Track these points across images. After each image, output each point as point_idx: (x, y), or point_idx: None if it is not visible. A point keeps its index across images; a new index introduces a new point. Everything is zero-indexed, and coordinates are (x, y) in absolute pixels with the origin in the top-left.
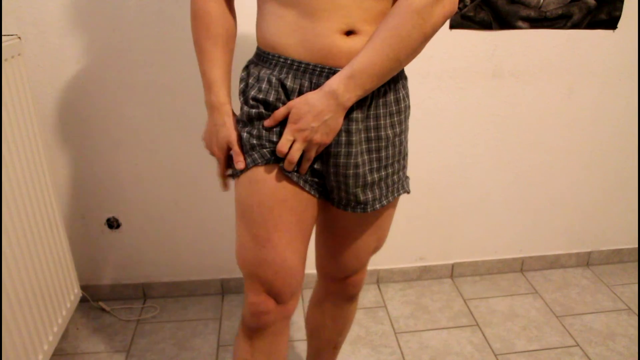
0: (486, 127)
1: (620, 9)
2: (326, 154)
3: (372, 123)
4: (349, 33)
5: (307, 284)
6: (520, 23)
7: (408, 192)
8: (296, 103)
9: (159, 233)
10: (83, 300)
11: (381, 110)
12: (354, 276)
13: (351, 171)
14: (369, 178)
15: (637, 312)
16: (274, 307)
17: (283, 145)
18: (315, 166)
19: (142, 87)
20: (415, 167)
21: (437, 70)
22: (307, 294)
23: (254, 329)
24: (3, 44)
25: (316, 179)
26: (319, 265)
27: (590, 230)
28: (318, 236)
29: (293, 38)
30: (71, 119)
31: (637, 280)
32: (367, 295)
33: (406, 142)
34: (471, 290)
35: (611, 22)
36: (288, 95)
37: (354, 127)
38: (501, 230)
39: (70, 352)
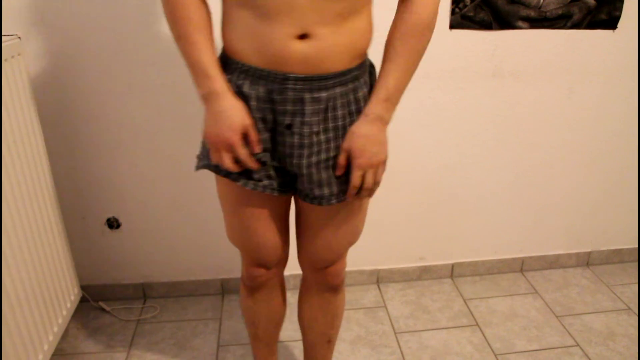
0: (486, 127)
1: (620, 9)
2: (283, 156)
3: (330, 125)
4: (303, 37)
5: None
6: (520, 23)
7: (368, 196)
8: (352, 142)
9: (159, 233)
10: (83, 300)
11: (339, 112)
12: (331, 267)
13: (305, 170)
14: (323, 175)
15: (637, 312)
16: (264, 272)
17: (356, 182)
18: (273, 165)
19: (142, 87)
20: (415, 167)
21: (437, 70)
22: None
23: (252, 287)
24: (3, 44)
25: (277, 179)
26: (298, 256)
27: (590, 230)
28: (296, 227)
29: (249, 43)
30: (71, 119)
31: (637, 280)
32: (367, 295)
33: None
34: (471, 290)
35: (611, 22)
36: (247, 102)
37: (306, 130)
38: (501, 230)
39: (70, 352)
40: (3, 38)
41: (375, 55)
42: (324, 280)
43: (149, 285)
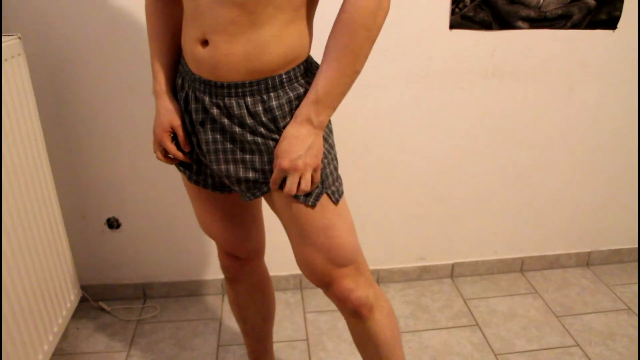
0: (486, 127)
1: (620, 9)
2: (203, 153)
3: (233, 133)
4: (205, 42)
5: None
6: (520, 23)
7: (265, 192)
8: (278, 145)
9: (159, 233)
10: (83, 300)
11: (241, 121)
12: (333, 287)
13: (214, 167)
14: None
15: (637, 312)
16: (235, 262)
17: (274, 182)
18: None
19: (142, 87)
20: (415, 166)
21: (437, 70)
22: (314, 297)
23: (230, 279)
24: (3, 44)
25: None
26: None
27: (590, 230)
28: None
29: (183, 43)
30: (71, 118)
31: (637, 280)
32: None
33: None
34: (471, 290)
35: (611, 22)
36: (180, 95)
37: (212, 131)
38: (501, 230)
39: (70, 352)
40: (3, 38)
41: None
42: (336, 303)
43: (149, 285)
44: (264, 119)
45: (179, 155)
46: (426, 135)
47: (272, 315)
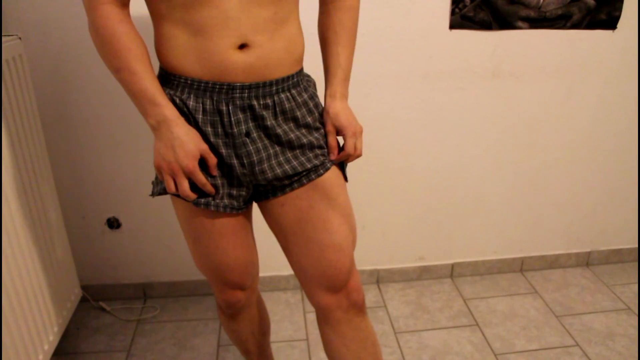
0: (486, 127)
1: (620, 9)
2: (248, 165)
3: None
4: (242, 46)
5: None
6: (520, 23)
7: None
8: (336, 120)
9: (159, 233)
10: (83, 300)
11: (298, 113)
12: (350, 282)
13: (268, 175)
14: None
15: (637, 312)
16: (241, 294)
17: (351, 149)
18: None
19: None
20: (415, 167)
21: (437, 70)
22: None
23: (232, 315)
24: (3, 44)
25: (245, 193)
26: (302, 282)
27: (590, 230)
28: (282, 249)
29: (189, 57)
30: (71, 119)
31: (637, 280)
32: (367, 295)
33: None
34: (471, 290)
35: (611, 22)
36: (193, 115)
37: (267, 135)
38: (501, 230)
39: (70, 352)
40: (3, 38)
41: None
42: (345, 304)
43: (149, 285)
44: (310, 105)
45: (210, 187)
46: (426, 135)
47: (269, 330)
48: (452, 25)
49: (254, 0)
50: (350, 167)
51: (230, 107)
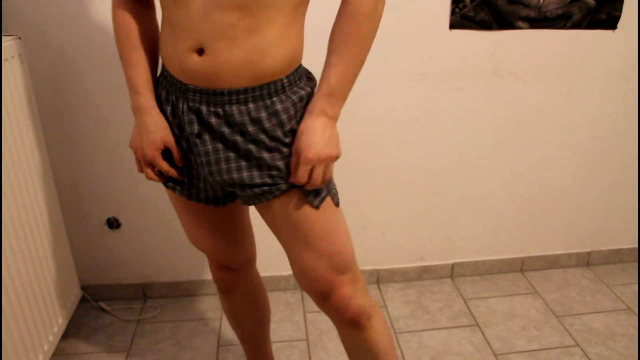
0: (486, 127)
1: (620, 9)
2: (202, 165)
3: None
4: (200, 51)
5: None
6: (520, 23)
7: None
8: (298, 141)
9: (159, 233)
10: (83, 300)
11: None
12: (333, 297)
13: (217, 178)
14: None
15: (637, 312)
16: (228, 273)
17: (302, 177)
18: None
19: None
20: (415, 166)
21: (437, 70)
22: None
23: (224, 289)
24: (3, 44)
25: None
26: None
27: (590, 230)
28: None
29: (168, 54)
30: (71, 119)
31: (637, 280)
32: None
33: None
34: (471, 290)
35: (611, 22)
36: (163, 107)
37: (214, 141)
38: (501, 230)
39: (70, 352)
40: (3, 38)
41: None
42: (334, 315)
43: (149, 285)
44: (266, 125)
45: (173, 172)
46: (426, 135)
47: (268, 320)
48: (452, 25)
49: (217, 5)
50: (350, 167)
51: (184, 107)
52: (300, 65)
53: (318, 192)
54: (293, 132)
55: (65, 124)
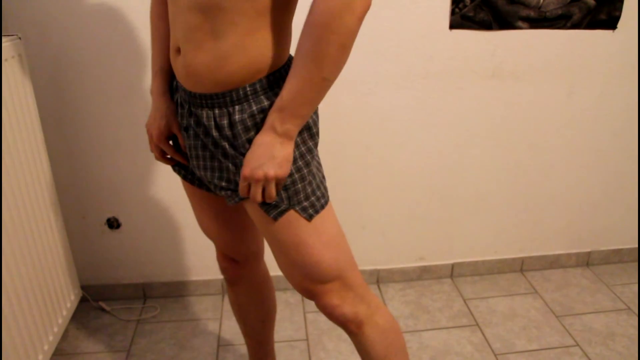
0: (486, 127)
1: (620, 9)
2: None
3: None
4: (179, 51)
5: None
6: (520, 23)
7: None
8: (247, 152)
9: (159, 233)
10: (83, 300)
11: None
12: (316, 301)
13: (197, 171)
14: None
15: (637, 312)
16: (233, 265)
17: (241, 191)
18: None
19: (142, 87)
20: (415, 166)
21: (437, 70)
22: None
23: (229, 280)
24: (3, 44)
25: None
26: None
27: (590, 230)
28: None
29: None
30: (71, 119)
31: (637, 280)
32: None
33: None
34: (471, 290)
35: (611, 22)
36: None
37: (195, 136)
38: (501, 230)
39: (70, 352)
40: (3, 38)
41: None
42: (327, 314)
43: (149, 285)
44: (227, 133)
45: (178, 157)
46: (426, 135)
47: (272, 318)
48: (452, 25)
49: (187, 7)
50: (351, 167)
51: (179, 99)
52: (275, 73)
53: (276, 204)
54: (250, 143)
55: (65, 123)
